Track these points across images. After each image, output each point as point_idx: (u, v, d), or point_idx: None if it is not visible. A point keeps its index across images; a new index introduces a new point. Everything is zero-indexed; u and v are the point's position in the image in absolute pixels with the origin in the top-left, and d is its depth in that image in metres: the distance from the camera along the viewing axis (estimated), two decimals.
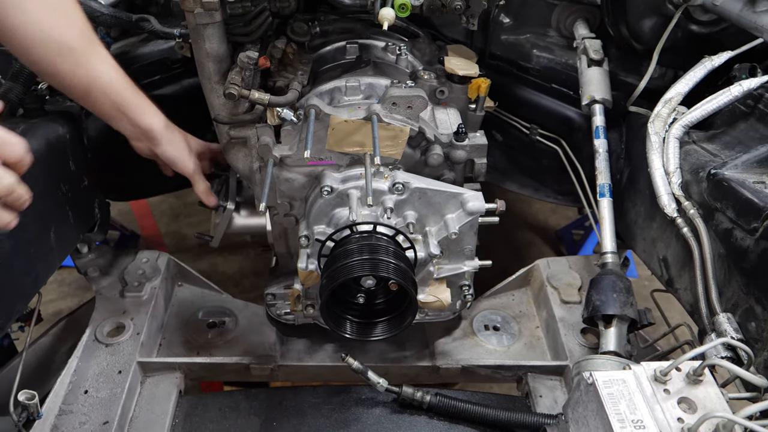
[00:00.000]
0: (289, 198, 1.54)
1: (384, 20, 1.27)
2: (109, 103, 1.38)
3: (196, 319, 1.75)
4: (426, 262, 1.47)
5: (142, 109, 1.43)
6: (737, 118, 1.41)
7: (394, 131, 1.39)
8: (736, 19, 1.38)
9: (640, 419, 0.91)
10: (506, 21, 1.92)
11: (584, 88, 1.72)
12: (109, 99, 1.37)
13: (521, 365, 1.63)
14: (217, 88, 1.43)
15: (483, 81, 1.55)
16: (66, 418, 1.41)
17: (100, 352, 1.56)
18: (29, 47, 1.24)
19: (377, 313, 1.45)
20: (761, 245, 1.13)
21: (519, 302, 1.87)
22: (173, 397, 1.52)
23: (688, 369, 0.97)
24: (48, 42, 1.24)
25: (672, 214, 1.36)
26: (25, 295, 1.34)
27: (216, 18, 1.32)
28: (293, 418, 1.49)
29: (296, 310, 1.65)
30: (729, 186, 1.22)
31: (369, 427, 1.46)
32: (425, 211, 1.45)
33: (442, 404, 1.46)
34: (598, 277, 1.50)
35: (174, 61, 1.85)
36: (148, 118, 1.43)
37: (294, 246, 1.65)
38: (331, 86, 1.51)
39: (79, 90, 1.34)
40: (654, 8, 1.54)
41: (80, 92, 1.34)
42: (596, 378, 0.96)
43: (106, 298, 1.69)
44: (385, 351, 1.70)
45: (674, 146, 1.40)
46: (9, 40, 1.23)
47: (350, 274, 1.31)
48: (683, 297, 1.37)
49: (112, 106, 1.38)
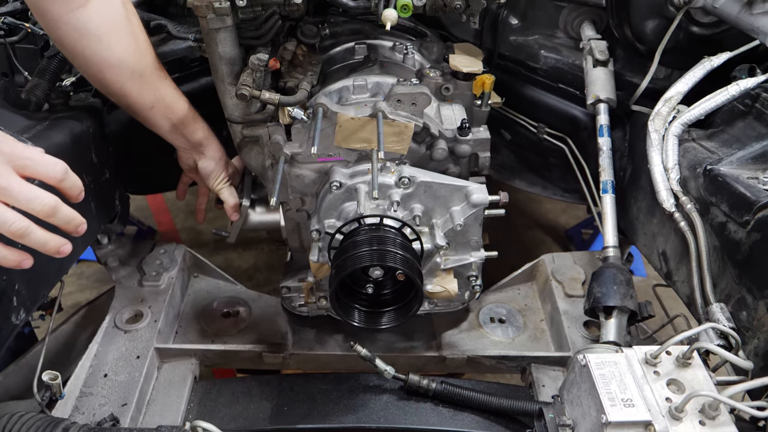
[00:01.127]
0: (301, 193, 1.60)
1: (387, 21, 1.33)
2: (168, 121, 1.54)
3: (211, 309, 1.81)
4: (433, 253, 1.52)
5: (196, 126, 1.58)
6: (736, 117, 1.45)
7: (399, 127, 1.45)
8: (734, 21, 1.42)
9: (630, 398, 0.96)
10: (515, 22, 1.97)
11: (589, 88, 1.77)
12: (168, 118, 1.53)
13: (525, 356, 1.68)
14: (230, 89, 1.49)
15: (487, 77, 1.60)
16: (86, 399, 1.48)
17: (119, 338, 1.63)
18: (103, 71, 1.39)
19: (385, 302, 1.51)
20: (752, 237, 1.17)
21: (525, 296, 1.91)
22: (188, 382, 1.58)
23: (677, 352, 1.02)
24: (121, 67, 1.40)
25: (670, 208, 1.40)
26: (50, 280, 1.41)
27: (228, 23, 1.38)
28: (303, 404, 1.54)
29: (310, 302, 1.72)
30: (724, 181, 1.26)
31: (376, 412, 1.51)
32: (431, 203, 1.50)
33: (447, 392, 1.51)
34: (600, 270, 1.55)
35: (192, 59, 1.91)
36: (200, 133, 1.59)
37: (307, 240, 1.71)
38: (340, 86, 1.56)
39: (142, 109, 1.49)
40: (656, 10, 1.58)
41: (143, 110, 1.49)
42: (589, 360, 1.00)
43: (125, 287, 1.76)
44: (394, 341, 1.75)
45: (673, 143, 1.44)
46: (85, 65, 1.39)
47: (358, 263, 1.36)
48: (681, 289, 1.41)
49: (170, 124, 1.54)
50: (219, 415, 1.52)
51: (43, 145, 1.31)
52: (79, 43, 1.34)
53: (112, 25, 1.37)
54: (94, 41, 1.34)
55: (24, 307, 1.27)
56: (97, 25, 1.33)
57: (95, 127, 1.56)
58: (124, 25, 1.40)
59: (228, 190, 1.69)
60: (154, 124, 1.55)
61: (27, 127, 1.40)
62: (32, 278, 1.30)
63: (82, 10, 1.29)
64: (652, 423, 0.93)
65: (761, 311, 1.13)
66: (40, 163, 1.04)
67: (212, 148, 1.64)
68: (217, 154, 1.65)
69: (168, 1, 1.93)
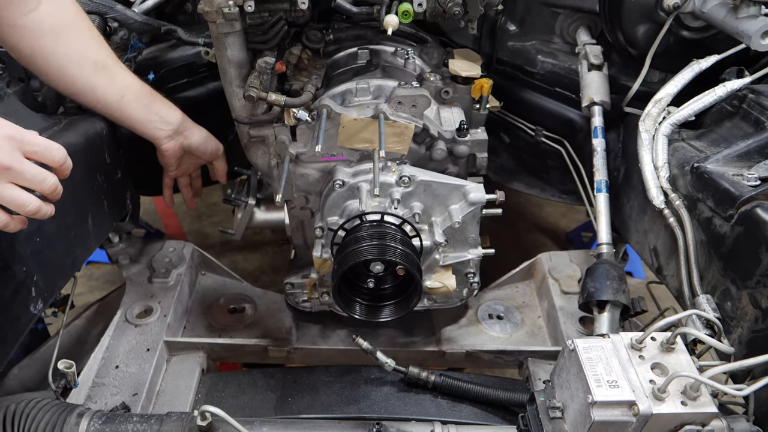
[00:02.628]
0: (305, 192, 1.66)
1: (388, 26, 1.39)
2: (141, 105, 1.56)
3: (218, 305, 1.87)
4: (432, 249, 1.57)
5: (169, 105, 1.62)
6: (724, 118, 1.51)
7: (399, 128, 1.51)
8: (721, 25, 1.47)
9: (615, 380, 1.01)
10: (512, 28, 2.03)
11: (584, 91, 1.82)
12: (141, 102, 1.55)
13: (522, 350, 1.73)
14: (238, 91, 1.56)
15: (485, 81, 1.66)
16: (99, 389, 1.54)
17: (130, 332, 1.69)
18: (66, 68, 1.42)
19: (385, 297, 1.56)
20: (735, 231, 1.22)
21: (522, 293, 1.96)
22: (196, 374, 1.64)
23: (662, 338, 1.07)
24: (82, 61, 1.43)
25: (660, 205, 1.45)
26: (65, 273, 1.47)
27: (236, 27, 1.45)
28: (307, 395, 1.60)
29: (313, 297, 1.78)
30: (710, 178, 1.31)
31: (377, 403, 1.56)
32: (430, 202, 1.56)
33: (445, 384, 1.56)
34: (593, 265, 1.60)
35: (200, 65, 1.98)
36: (175, 111, 1.62)
37: (310, 238, 1.77)
38: (343, 88, 1.62)
39: (114, 99, 1.51)
40: (647, 15, 1.63)
41: (114, 101, 1.51)
42: (577, 344, 1.06)
43: (135, 284, 1.83)
44: (395, 336, 1.81)
45: (663, 143, 1.49)
46: (46, 66, 1.41)
47: (360, 257, 1.42)
48: (671, 283, 1.46)
49: (144, 107, 1.56)
50: (225, 406, 1.54)
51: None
52: (37, 44, 1.37)
53: (66, 23, 1.40)
54: (50, 39, 1.37)
55: (41, 298, 1.33)
56: (51, 25, 1.37)
57: (108, 129, 1.63)
58: (77, 21, 1.43)
59: (221, 158, 1.77)
60: (129, 115, 1.55)
61: (43, 128, 1.47)
62: (49, 270, 1.36)
63: (34, 12, 1.34)
64: (636, 403, 0.98)
65: (744, 301, 1.19)
66: (46, 149, 1.13)
67: (192, 124, 1.68)
68: (200, 128, 1.70)
69: (177, 8, 2.01)
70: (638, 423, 0.99)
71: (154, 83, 1.77)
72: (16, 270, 1.24)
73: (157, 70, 1.91)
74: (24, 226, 1.14)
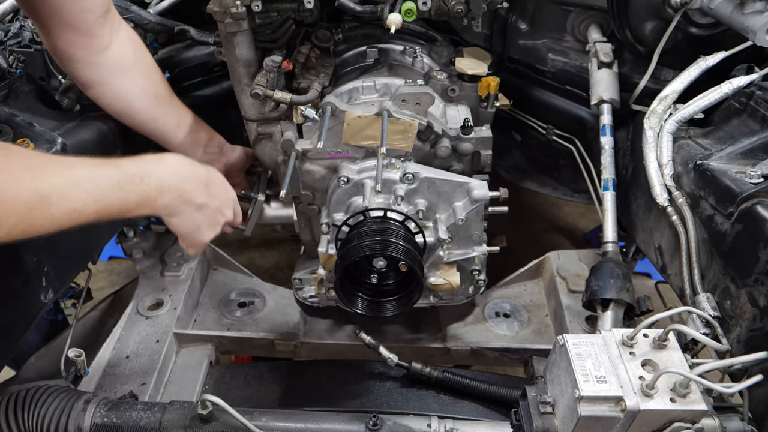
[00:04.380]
0: (311, 189, 1.68)
1: (392, 24, 1.41)
2: (193, 132, 1.65)
3: (228, 299, 1.91)
4: (435, 246, 1.58)
5: (212, 131, 1.71)
6: (731, 115, 1.49)
7: (403, 125, 1.52)
8: (728, 21, 1.45)
9: (603, 375, 1.00)
10: (523, 27, 2.03)
11: (594, 89, 1.81)
12: (193, 129, 1.64)
13: (527, 348, 1.73)
14: (246, 89, 1.59)
15: (492, 79, 1.66)
16: (109, 378, 1.59)
17: (141, 324, 1.74)
18: (132, 102, 1.53)
19: (387, 292, 1.58)
20: (736, 228, 1.21)
21: (530, 292, 1.96)
22: (204, 366, 1.68)
23: (654, 335, 1.07)
24: (146, 95, 1.54)
25: (663, 203, 1.44)
26: (76, 265, 1.51)
27: (244, 27, 1.48)
28: (311, 389, 1.62)
29: (320, 293, 1.80)
30: (712, 175, 1.30)
31: (380, 398, 1.58)
32: (434, 199, 1.57)
33: (448, 380, 1.58)
34: (598, 264, 1.59)
35: (214, 65, 2.02)
36: (217, 136, 1.72)
37: (317, 234, 1.79)
38: (350, 87, 1.64)
39: (171, 126, 1.61)
40: (654, 12, 1.62)
41: (171, 129, 1.61)
42: (567, 339, 1.05)
43: (148, 277, 1.88)
44: (401, 333, 1.83)
45: (667, 140, 1.48)
46: (114, 99, 1.51)
47: (361, 253, 1.44)
48: (674, 282, 1.44)
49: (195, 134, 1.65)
50: (231, 397, 1.60)
51: (72, 141, 1.44)
52: (107, 81, 1.47)
53: (133, 60, 1.51)
54: (119, 77, 1.48)
55: (52, 288, 1.38)
56: (120, 63, 1.47)
57: (122, 127, 1.67)
58: (142, 58, 1.54)
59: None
60: (181, 142, 1.64)
61: (57, 125, 1.52)
62: (60, 261, 1.40)
63: (106, 51, 1.44)
64: (624, 398, 0.97)
65: (743, 299, 1.17)
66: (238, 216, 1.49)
67: (229, 146, 1.75)
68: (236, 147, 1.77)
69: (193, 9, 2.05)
70: (626, 419, 0.98)
71: (170, 82, 1.81)
72: (27, 260, 1.29)
73: (173, 69, 1.96)
74: None
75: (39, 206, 0.97)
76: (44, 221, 0.99)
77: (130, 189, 1.12)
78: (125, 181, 1.12)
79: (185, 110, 1.64)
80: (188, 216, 1.29)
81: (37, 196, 0.96)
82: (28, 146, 1.35)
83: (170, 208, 1.24)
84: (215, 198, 1.35)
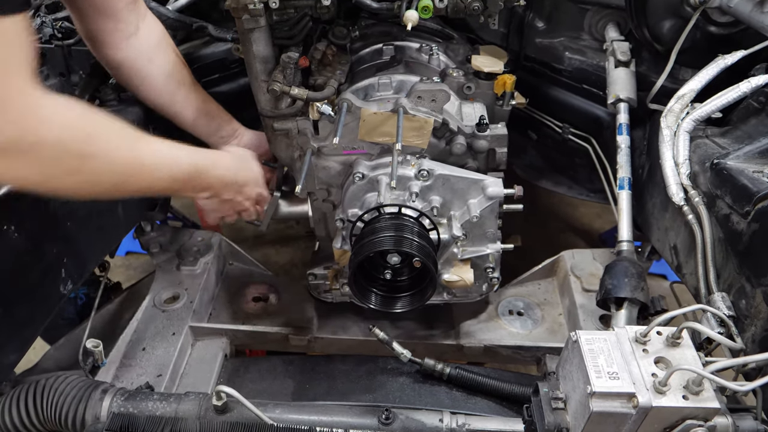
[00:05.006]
0: (327, 185, 1.69)
1: (408, 21, 1.41)
2: (210, 117, 1.74)
3: (243, 293, 1.93)
4: (450, 243, 1.59)
5: (228, 118, 1.80)
6: (750, 114, 1.48)
7: (419, 122, 1.53)
8: (747, 20, 1.45)
9: (616, 372, 1.01)
10: (540, 25, 2.02)
11: (610, 88, 1.81)
12: (210, 115, 1.74)
13: (540, 346, 1.73)
14: (263, 85, 1.60)
15: (508, 77, 1.66)
16: (126, 369, 1.61)
17: (158, 316, 1.76)
18: (155, 85, 1.63)
19: (401, 288, 1.59)
20: (752, 227, 1.20)
21: (545, 291, 1.96)
22: (219, 359, 1.70)
23: (668, 333, 1.06)
24: (170, 79, 1.64)
25: (679, 202, 1.44)
26: (95, 257, 1.54)
27: (261, 23, 1.49)
28: (324, 383, 1.63)
29: (334, 288, 1.82)
30: (728, 174, 1.29)
31: (393, 393, 1.59)
32: (449, 196, 1.57)
33: (461, 376, 1.58)
34: (613, 262, 1.59)
35: (231, 61, 2.04)
36: (233, 123, 1.81)
37: (332, 230, 1.81)
38: (366, 83, 1.65)
39: (192, 110, 1.70)
40: (673, 10, 1.61)
41: (191, 115, 1.70)
42: (579, 336, 1.06)
43: (164, 271, 1.90)
44: (414, 329, 1.83)
45: (684, 139, 1.47)
46: (139, 82, 1.62)
47: (376, 248, 1.45)
48: (689, 281, 1.44)
49: (216, 117, 1.75)
50: (245, 390, 1.59)
51: None
52: (135, 64, 1.57)
53: (158, 46, 1.61)
54: (146, 61, 1.58)
55: (71, 279, 1.40)
56: (147, 48, 1.57)
57: (140, 120, 1.70)
58: (168, 45, 1.64)
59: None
60: (198, 126, 1.72)
61: None
62: (79, 253, 1.43)
63: (134, 37, 1.54)
64: (636, 395, 0.97)
65: (758, 299, 1.17)
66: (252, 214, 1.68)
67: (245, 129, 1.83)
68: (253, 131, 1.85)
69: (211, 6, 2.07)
70: (638, 415, 0.98)
71: None
72: (48, 251, 1.32)
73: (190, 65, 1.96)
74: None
75: (132, 174, 1.17)
76: (132, 187, 1.21)
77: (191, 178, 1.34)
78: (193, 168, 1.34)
79: (204, 96, 1.73)
80: (214, 202, 1.53)
81: (131, 166, 1.16)
82: None
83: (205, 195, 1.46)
84: (243, 196, 1.57)
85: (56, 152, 0.99)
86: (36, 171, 0.99)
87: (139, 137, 1.20)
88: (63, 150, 1.00)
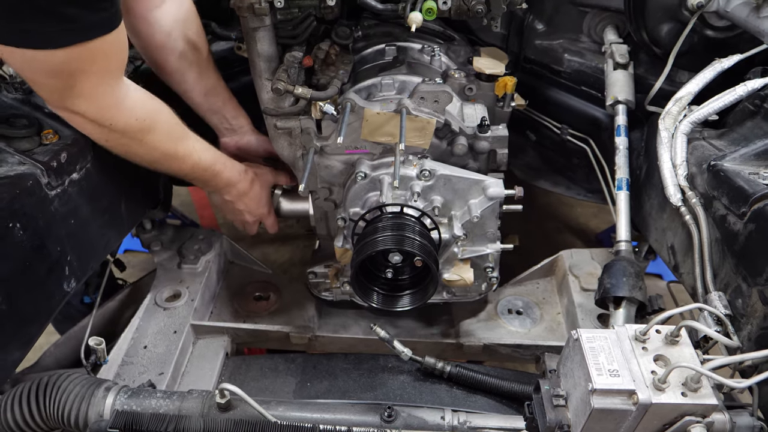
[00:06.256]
0: (329, 183, 1.71)
1: (412, 23, 1.43)
2: (220, 101, 1.79)
3: (245, 292, 1.94)
4: (450, 243, 1.61)
5: (238, 110, 1.84)
6: (746, 117, 1.50)
7: (421, 123, 1.54)
8: (744, 24, 1.47)
9: (616, 369, 1.02)
10: (540, 27, 2.04)
11: (609, 90, 1.83)
12: (219, 104, 1.79)
13: (539, 345, 1.75)
14: (266, 84, 1.62)
15: (509, 79, 1.68)
16: (127, 367, 1.62)
17: (159, 315, 1.77)
18: (168, 59, 1.67)
19: (402, 287, 1.60)
20: (748, 228, 1.22)
21: (543, 290, 1.98)
22: (220, 357, 1.71)
23: (666, 331, 1.08)
24: (183, 57, 1.68)
25: (677, 203, 1.46)
26: (98, 255, 1.55)
27: (266, 22, 1.51)
28: (325, 380, 1.65)
29: (335, 287, 1.83)
30: (725, 176, 1.31)
31: (393, 391, 1.60)
32: (450, 196, 1.59)
33: (461, 374, 1.59)
34: (611, 262, 1.61)
35: (234, 59, 2.04)
36: (241, 117, 1.85)
37: (333, 229, 1.82)
38: (369, 83, 1.67)
39: (198, 94, 1.75)
40: (671, 14, 1.64)
41: (200, 94, 1.75)
42: (581, 334, 1.07)
43: (165, 269, 1.91)
44: (414, 328, 1.85)
45: (682, 141, 1.50)
46: (155, 56, 1.67)
47: (378, 247, 1.47)
48: (686, 281, 1.46)
49: (220, 109, 1.79)
50: (247, 388, 1.59)
51: None
52: (154, 37, 1.61)
53: (181, 23, 1.64)
54: (165, 35, 1.61)
55: (75, 277, 1.41)
56: (169, 22, 1.61)
57: None
58: (191, 25, 1.67)
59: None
60: (208, 107, 1.76)
61: None
62: (83, 251, 1.44)
63: (158, 9, 1.58)
64: (636, 392, 0.99)
65: (754, 298, 1.19)
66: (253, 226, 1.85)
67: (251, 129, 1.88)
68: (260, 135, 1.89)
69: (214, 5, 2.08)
70: (638, 412, 1.00)
71: None
72: (52, 249, 1.32)
73: None
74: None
75: (171, 159, 1.50)
76: (169, 169, 1.54)
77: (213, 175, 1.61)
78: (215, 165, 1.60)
79: (215, 84, 1.76)
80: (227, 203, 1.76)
81: (170, 154, 1.49)
82: (53, 137, 1.39)
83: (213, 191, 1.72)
84: (243, 204, 1.76)
85: (121, 133, 1.35)
86: (104, 138, 1.37)
87: (181, 135, 1.50)
88: (125, 134, 1.36)
